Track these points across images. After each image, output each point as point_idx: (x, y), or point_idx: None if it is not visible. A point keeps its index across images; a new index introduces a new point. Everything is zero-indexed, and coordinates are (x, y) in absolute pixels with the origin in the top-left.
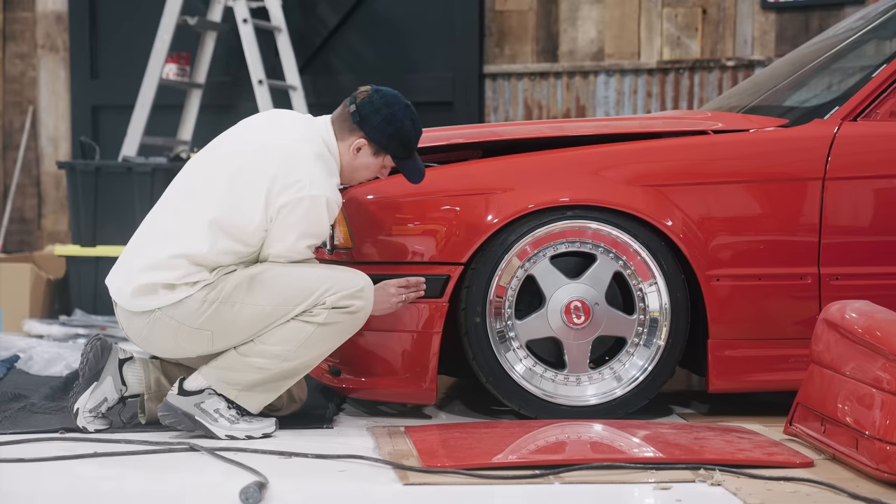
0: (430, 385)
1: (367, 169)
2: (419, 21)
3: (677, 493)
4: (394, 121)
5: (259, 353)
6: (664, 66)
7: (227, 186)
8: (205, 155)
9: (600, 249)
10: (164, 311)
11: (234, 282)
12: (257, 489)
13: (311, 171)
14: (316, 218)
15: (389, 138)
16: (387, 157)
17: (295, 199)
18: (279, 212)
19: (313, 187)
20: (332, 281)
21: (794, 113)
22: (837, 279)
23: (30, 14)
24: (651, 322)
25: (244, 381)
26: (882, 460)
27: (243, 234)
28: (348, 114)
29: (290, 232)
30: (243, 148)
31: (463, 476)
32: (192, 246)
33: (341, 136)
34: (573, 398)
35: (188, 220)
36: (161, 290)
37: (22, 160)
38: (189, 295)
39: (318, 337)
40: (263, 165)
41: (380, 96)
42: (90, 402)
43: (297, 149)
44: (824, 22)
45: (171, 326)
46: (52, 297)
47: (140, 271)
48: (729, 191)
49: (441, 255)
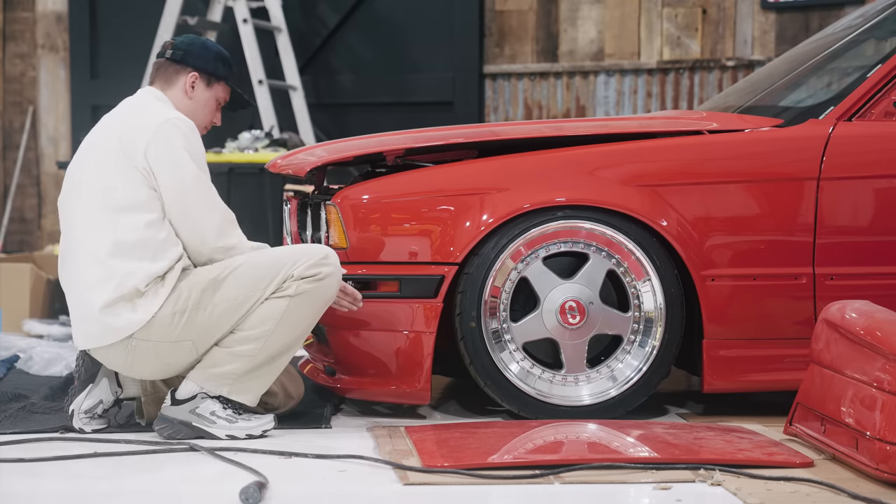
0: (425, 385)
1: (207, 106)
2: (419, 21)
3: (677, 493)
4: (209, 45)
5: (240, 340)
6: (664, 66)
7: (94, 178)
8: (67, 185)
9: (592, 248)
10: (138, 335)
11: (200, 287)
12: (257, 489)
13: (146, 112)
14: (183, 137)
15: (215, 60)
16: (218, 87)
17: (150, 136)
18: (146, 155)
19: (157, 118)
20: (297, 254)
21: (790, 113)
22: (832, 279)
23: (30, 14)
24: (646, 322)
25: (233, 373)
26: (882, 460)
27: (133, 198)
28: (166, 61)
29: (177, 164)
30: (85, 153)
31: (463, 476)
32: (104, 241)
33: (169, 84)
34: (569, 398)
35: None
36: (124, 312)
37: (22, 160)
38: (155, 313)
39: (293, 310)
40: (105, 143)
41: (185, 36)
42: (86, 403)
43: (124, 110)
44: (824, 22)
45: (149, 348)
46: (52, 297)
47: (92, 304)
48: (724, 191)
49: (435, 255)
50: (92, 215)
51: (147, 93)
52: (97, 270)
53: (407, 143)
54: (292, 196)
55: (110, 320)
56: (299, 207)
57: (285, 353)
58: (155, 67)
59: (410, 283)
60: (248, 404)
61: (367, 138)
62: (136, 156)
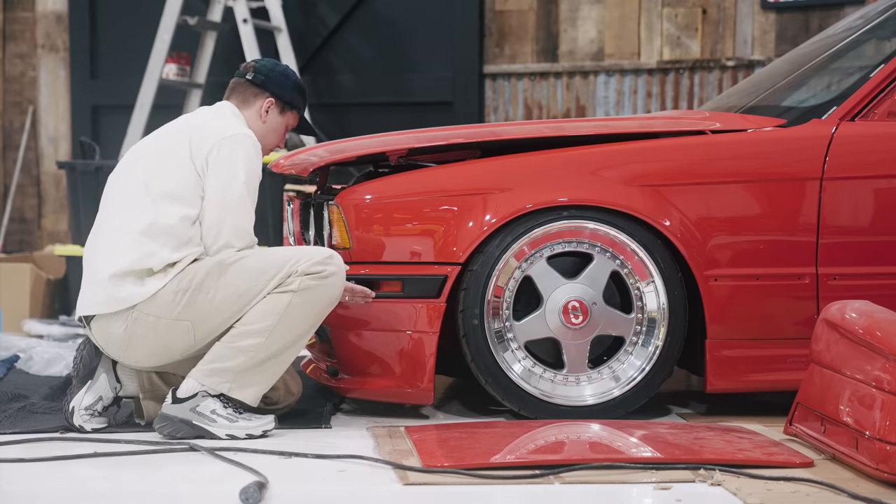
0: (428, 385)
1: (276, 132)
2: (419, 21)
3: (677, 493)
4: (289, 74)
5: (242, 334)
6: (664, 66)
7: (155, 161)
8: (122, 165)
9: (597, 249)
10: (140, 308)
11: (205, 269)
12: (257, 489)
13: (223, 122)
14: (247, 153)
15: (292, 90)
16: (290, 115)
17: (217, 141)
18: (207, 159)
19: (230, 128)
20: (302, 252)
21: (792, 113)
22: (835, 279)
23: (30, 14)
24: (649, 322)
25: (234, 368)
26: (882, 460)
27: (182, 191)
28: (246, 82)
29: (231, 173)
30: (155, 140)
31: (463, 476)
32: (140, 220)
33: (246, 105)
34: (571, 398)
35: (130, 207)
36: (130, 285)
37: (22, 160)
38: (161, 287)
39: (297, 306)
40: (178, 137)
41: (267, 60)
42: (86, 399)
43: (204, 115)
44: (824, 22)
45: (149, 323)
46: (52, 297)
47: (103, 272)
48: (727, 191)
49: (438, 255)
50: (137, 195)
51: (225, 107)
52: (122, 242)
53: (409, 144)
54: (294, 196)
55: (116, 290)
56: (301, 207)
57: (287, 350)
58: (233, 85)
59: (413, 283)
60: (248, 403)
61: (369, 138)
62: (199, 156)
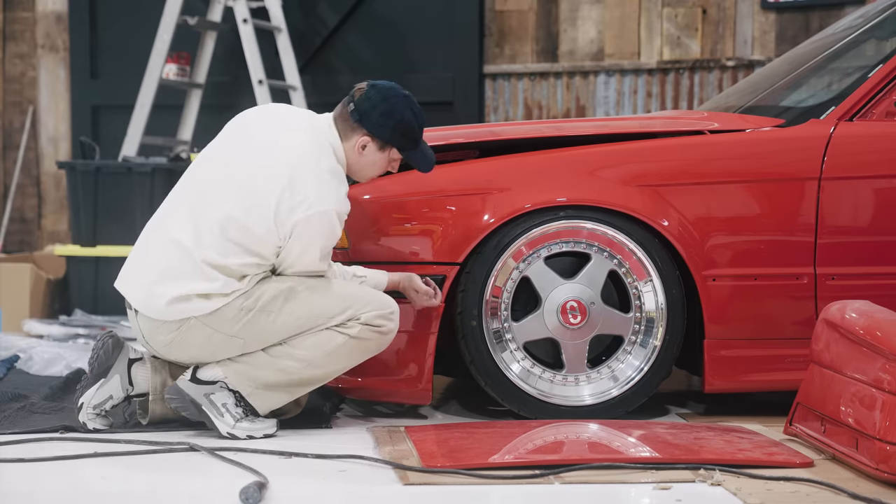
0: (426, 385)
1: (375, 165)
2: (419, 21)
3: (677, 493)
4: (394, 113)
5: (287, 355)
6: (664, 66)
7: (235, 199)
8: (210, 158)
9: (594, 249)
10: (200, 319)
11: (271, 292)
12: (257, 489)
13: (319, 187)
14: (329, 232)
15: (392, 132)
16: (393, 151)
17: (305, 218)
18: (292, 230)
19: (321, 203)
20: (368, 299)
21: (791, 113)
22: (833, 279)
23: (30, 14)
24: (647, 321)
25: (264, 380)
26: (882, 460)
27: (257, 248)
28: (348, 113)
29: (307, 248)
30: (248, 156)
31: (463, 476)
32: (213, 258)
33: (345, 136)
34: (570, 398)
35: (203, 230)
36: (195, 300)
37: (22, 160)
38: (225, 304)
39: (347, 349)
40: (271, 182)
41: (376, 91)
42: (96, 398)
43: (304, 162)
44: (824, 22)
45: (205, 333)
46: (52, 297)
47: (166, 281)
48: (725, 191)
49: (437, 256)
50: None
51: (328, 131)
52: (187, 267)
53: None
54: None
55: (176, 304)
56: None
57: (318, 382)
58: (341, 107)
59: None
60: (259, 412)
61: None
62: (284, 226)
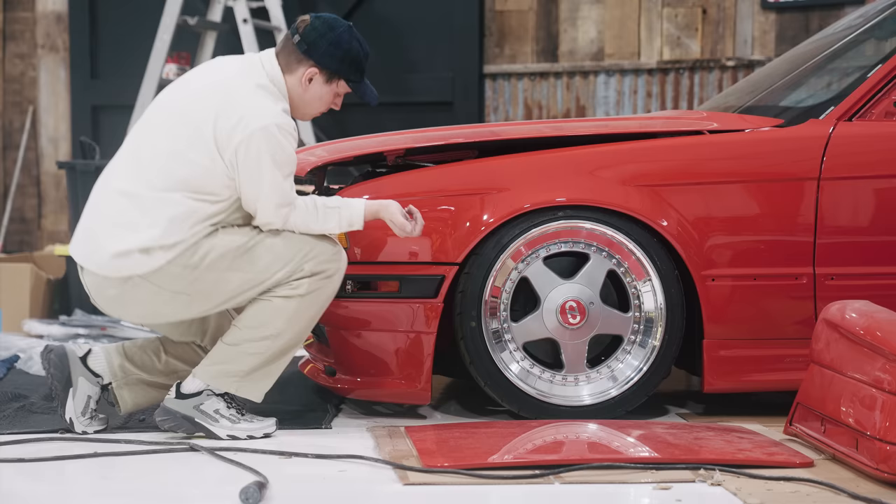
0: (425, 385)
1: (321, 100)
2: (419, 21)
3: (677, 493)
4: (342, 43)
5: (250, 338)
6: (664, 66)
7: (176, 135)
8: (149, 113)
9: (593, 248)
10: (144, 277)
11: (217, 250)
12: (257, 489)
13: (252, 102)
14: (275, 149)
15: (341, 62)
16: (340, 83)
17: (245, 138)
18: (236, 154)
19: (258, 118)
20: (311, 246)
21: (790, 113)
22: (833, 279)
23: (30, 14)
24: (646, 321)
25: (243, 369)
26: (882, 460)
27: (206, 184)
28: (293, 45)
29: (258, 172)
30: (183, 96)
31: (463, 476)
32: (157, 197)
33: (289, 69)
34: (569, 398)
35: (145, 172)
36: (136, 255)
37: (22, 160)
38: (168, 261)
39: (305, 307)
40: (205, 111)
41: (321, 22)
42: (77, 406)
43: (234, 84)
44: (824, 22)
45: (151, 291)
46: (52, 297)
47: (110, 235)
48: (724, 191)
49: (436, 256)
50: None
51: (266, 62)
52: (133, 215)
53: (407, 143)
54: None
55: (120, 261)
56: None
57: (292, 348)
58: (284, 41)
59: (411, 283)
60: (255, 400)
61: (367, 138)
62: (226, 151)
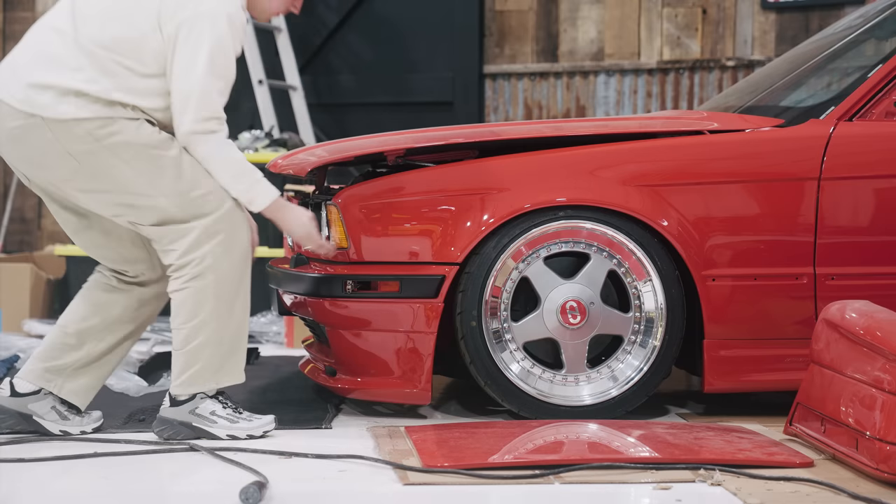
0: (426, 385)
1: None
2: (419, 21)
3: (677, 493)
4: None
5: (188, 337)
6: (664, 66)
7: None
8: None
9: (593, 248)
10: (46, 120)
11: (126, 135)
12: (257, 489)
13: None
14: (217, 38)
15: None
16: None
17: (192, 16)
18: (178, 31)
19: (207, 2)
20: (209, 187)
21: (790, 113)
22: (833, 279)
23: (30, 14)
24: (647, 321)
25: (207, 365)
26: (882, 460)
27: (136, 50)
28: None
29: (193, 59)
30: None
31: (463, 476)
32: (88, 45)
33: None
34: (569, 398)
35: (83, 18)
36: (50, 93)
37: None
38: (77, 118)
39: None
40: None
41: None
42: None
43: None
44: (824, 22)
45: (45, 139)
46: (52, 297)
47: (33, 63)
48: (724, 191)
49: (436, 256)
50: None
51: None
52: (64, 53)
53: (408, 143)
54: (293, 196)
55: (33, 92)
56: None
57: (239, 315)
58: None
59: (411, 283)
60: (239, 381)
61: (367, 138)
62: (169, 23)
